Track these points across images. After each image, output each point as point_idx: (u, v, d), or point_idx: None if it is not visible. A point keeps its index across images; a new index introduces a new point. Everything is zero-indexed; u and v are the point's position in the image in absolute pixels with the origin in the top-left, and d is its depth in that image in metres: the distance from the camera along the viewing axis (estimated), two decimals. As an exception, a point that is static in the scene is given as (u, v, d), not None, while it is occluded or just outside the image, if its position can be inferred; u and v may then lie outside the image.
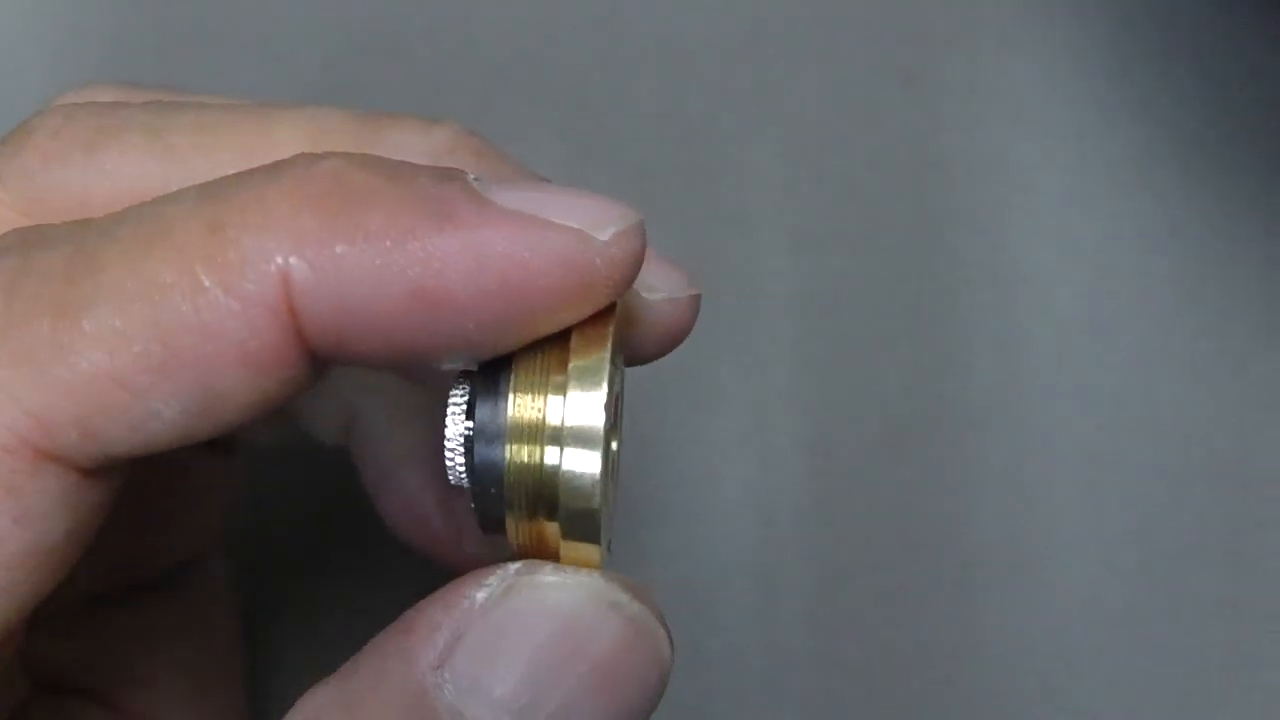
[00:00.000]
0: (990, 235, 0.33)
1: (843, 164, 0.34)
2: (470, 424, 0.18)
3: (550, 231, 0.17)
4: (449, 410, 0.18)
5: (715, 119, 0.34)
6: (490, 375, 0.18)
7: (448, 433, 0.18)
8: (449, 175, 0.17)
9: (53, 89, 0.33)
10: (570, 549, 0.17)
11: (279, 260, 0.16)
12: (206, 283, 0.16)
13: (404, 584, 0.27)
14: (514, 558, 0.18)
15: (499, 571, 0.17)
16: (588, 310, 0.17)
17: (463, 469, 0.18)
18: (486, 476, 0.17)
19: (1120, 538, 0.32)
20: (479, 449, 0.17)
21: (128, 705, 0.24)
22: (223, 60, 0.34)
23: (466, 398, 0.18)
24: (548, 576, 0.17)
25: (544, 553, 0.18)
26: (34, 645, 0.23)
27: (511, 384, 0.17)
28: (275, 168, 0.17)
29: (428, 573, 0.26)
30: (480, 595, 0.17)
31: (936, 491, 0.32)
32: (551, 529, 0.17)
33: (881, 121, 0.34)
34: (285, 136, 0.20)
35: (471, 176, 0.17)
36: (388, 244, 0.17)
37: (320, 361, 0.18)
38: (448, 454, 0.18)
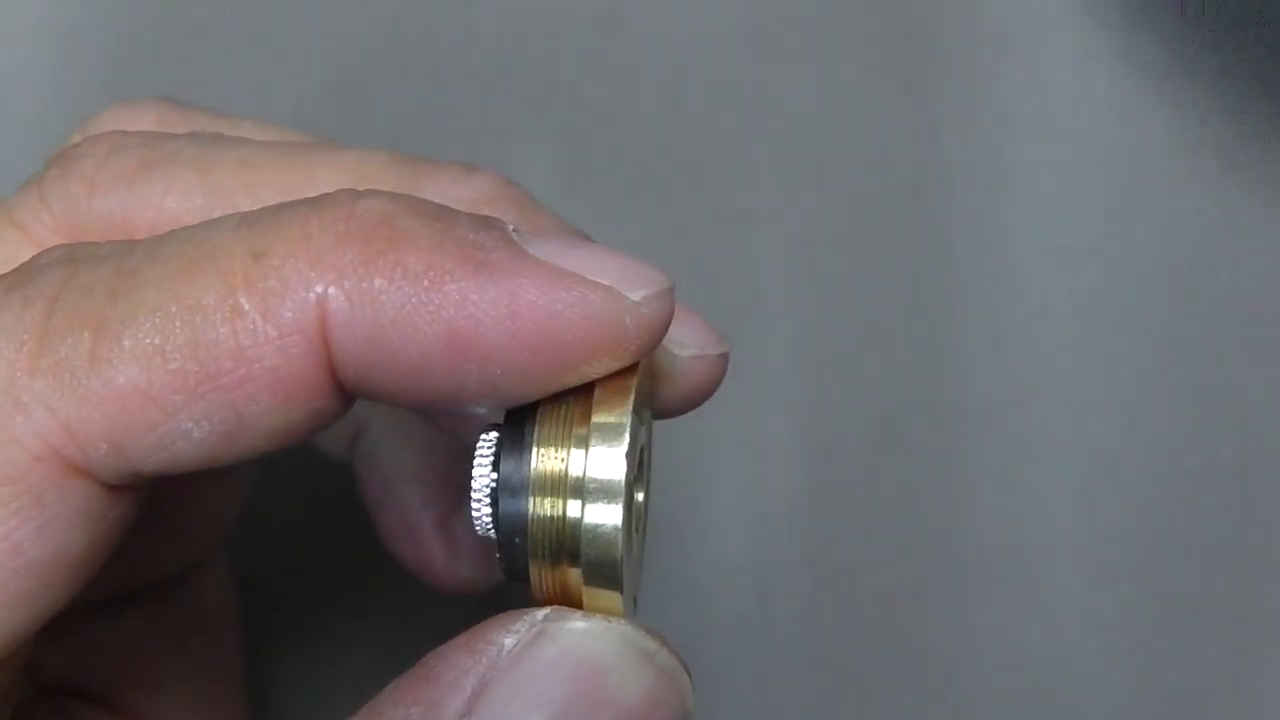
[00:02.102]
0: (987, 238, 0.33)
1: (840, 167, 0.34)
2: (495, 476, 0.18)
3: (584, 287, 0.17)
4: (476, 462, 0.18)
5: (713, 122, 0.34)
6: (515, 426, 0.18)
7: (474, 485, 0.18)
8: (489, 224, 0.18)
9: (52, 91, 0.33)
10: (593, 596, 0.18)
11: (318, 290, 0.17)
12: (246, 307, 0.17)
13: (402, 594, 0.28)
14: (535, 604, 0.18)
15: (526, 618, 0.18)
16: (614, 366, 0.18)
17: (489, 520, 0.18)
18: (511, 527, 0.18)
19: (1116, 541, 0.32)
20: (504, 501, 0.18)
21: (129, 708, 0.24)
22: (220, 62, 0.34)
23: (493, 449, 0.18)
24: (577, 623, 0.17)
25: (568, 601, 0.18)
26: (36, 648, 0.23)
27: (535, 436, 0.18)
28: (318, 201, 0.18)
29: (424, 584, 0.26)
30: (508, 641, 0.17)
31: (932, 494, 0.32)
32: (575, 576, 0.18)
33: (879, 124, 0.34)
34: (328, 178, 0.20)
35: (511, 227, 0.18)
36: (425, 283, 0.17)
37: (348, 396, 0.18)
38: (474, 505, 0.18)
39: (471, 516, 0.18)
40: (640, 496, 0.19)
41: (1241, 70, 0.34)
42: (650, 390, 0.19)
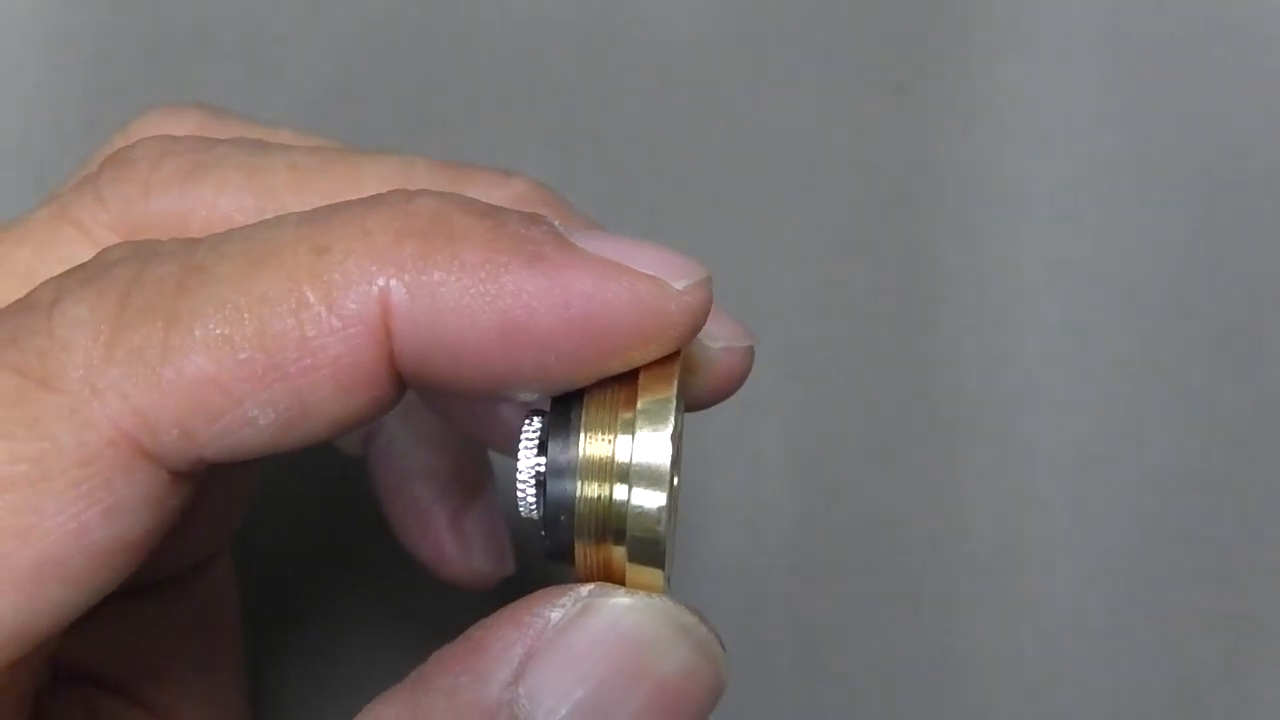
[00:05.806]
0: (979, 244, 0.34)
1: (832, 173, 0.34)
2: (542, 460, 0.19)
3: (631, 277, 0.18)
4: (521, 445, 0.19)
5: (705, 128, 0.35)
6: (561, 412, 0.19)
7: (520, 467, 0.19)
8: (536, 219, 0.19)
9: (48, 91, 0.33)
10: (636, 573, 0.19)
11: (380, 283, 0.18)
12: (311, 299, 0.18)
13: (413, 587, 0.28)
14: (577, 581, 0.19)
15: (571, 593, 0.18)
16: (659, 353, 0.19)
17: (534, 502, 0.19)
18: (558, 507, 0.19)
19: (1107, 547, 0.33)
20: (551, 482, 0.19)
21: (140, 696, 0.25)
22: (210, 65, 0.35)
23: (538, 434, 0.19)
24: (621, 599, 0.18)
25: (610, 578, 0.19)
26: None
27: (583, 421, 0.19)
28: (374, 200, 0.19)
29: (427, 577, 0.27)
30: (554, 615, 0.18)
31: (923, 500, 0.33)
32: (618, 554, 0.18)
33: (872, 131, 0.35)
34: (374, 182, 0.21)
35: (556, 222, 0.19)
36: (482, 275, 0.18)
37: (403, 385, 0.19)
38: (520, 487, 0.19)
39: (516, 498, 0.19)
40: (676, 480, 0.20)
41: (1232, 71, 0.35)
42: (685, 381, 0.20)
